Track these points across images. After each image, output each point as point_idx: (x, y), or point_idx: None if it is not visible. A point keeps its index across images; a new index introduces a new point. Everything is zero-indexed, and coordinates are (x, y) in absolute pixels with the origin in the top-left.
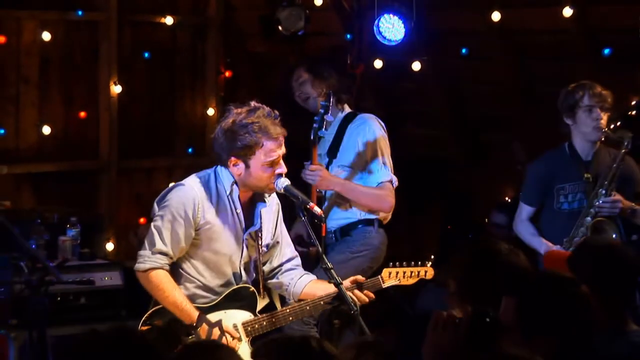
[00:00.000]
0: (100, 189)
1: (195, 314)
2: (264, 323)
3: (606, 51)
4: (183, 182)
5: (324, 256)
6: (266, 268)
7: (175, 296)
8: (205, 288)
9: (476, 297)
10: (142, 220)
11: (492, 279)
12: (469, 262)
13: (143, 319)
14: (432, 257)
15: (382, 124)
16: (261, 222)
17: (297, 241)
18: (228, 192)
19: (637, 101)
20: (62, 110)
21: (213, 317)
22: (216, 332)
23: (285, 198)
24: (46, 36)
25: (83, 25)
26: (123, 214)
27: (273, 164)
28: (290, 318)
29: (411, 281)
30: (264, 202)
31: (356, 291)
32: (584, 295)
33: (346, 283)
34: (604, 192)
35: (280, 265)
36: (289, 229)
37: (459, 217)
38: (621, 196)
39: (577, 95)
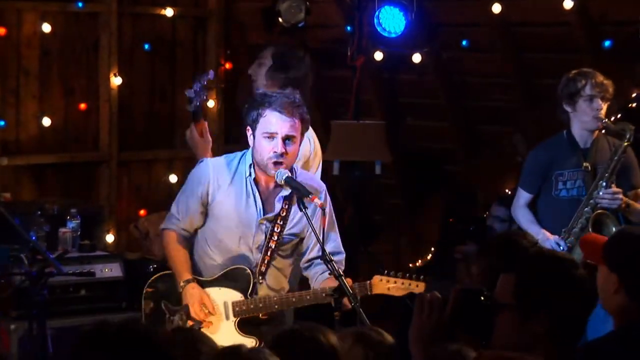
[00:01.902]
0: (101, 180)
1: (186, 276)
2: (252, 306)
3: (607, 43)
4: (205, 159)
5: (324, 248)
6: (303, 259)
7: (174, 257)
8: (212, 261)
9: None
10: (142, 212)
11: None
12: (489, 252)
13: (150, 280)
14: (433, 249)
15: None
16: (287, 210)
17: None
18: (247, 174)
19: (637, 94)
20: (62, 102)
21: (210, 291)
22: (193, 301)
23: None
24: (46, 28)
25: (83, 16)
26: (123, 205)
27: (270, 136)
28: (276, 307)
29: (400, 293)
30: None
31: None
32: (584, 277)
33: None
34: (604, 184)
35: (315, 258)
36: None
37: (459, 210)
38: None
39: (579, 84)
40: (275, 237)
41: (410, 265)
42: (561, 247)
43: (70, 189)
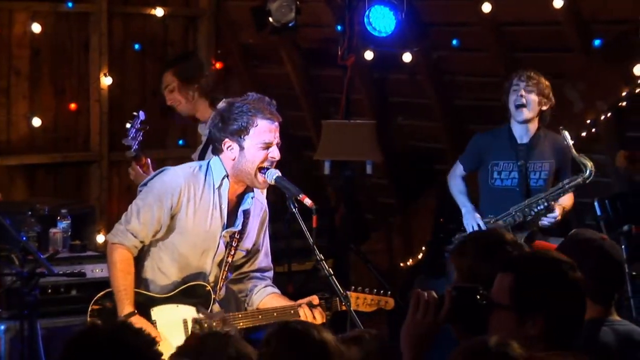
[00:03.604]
0: (91, 181)
1: (127, 309)
2: (214, 323)
3: (597, 42)
4: (171, 168)
5: (314, 247)
6: (236, 271)
7: (121, 281)
8: (167, 277)
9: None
10: None
11: (494, 268)
12: (474, 252)
13: (96, 297)
14: (424, 249)
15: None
16: (244, 226)
17: None
18: (217, 186)
19: (627, 92)
20: (53, 101)
21: (165, 309)
22: None
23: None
24: (37, 28)
25: (74, 16)
26: (114, 206)
27: (267, 146)
28: (241, 323)
29: (369, 309)
30: (249, 203)
31: (306, 308)
32: (580, 279)
33: (302, 301)
34: (545, 205)
35: (251, 272)
36: None
37: (450, 209)
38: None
39: (510, 78)
40: (232, 252)
41: (402, 264)
42: (478, 227)
43: (61, 189)
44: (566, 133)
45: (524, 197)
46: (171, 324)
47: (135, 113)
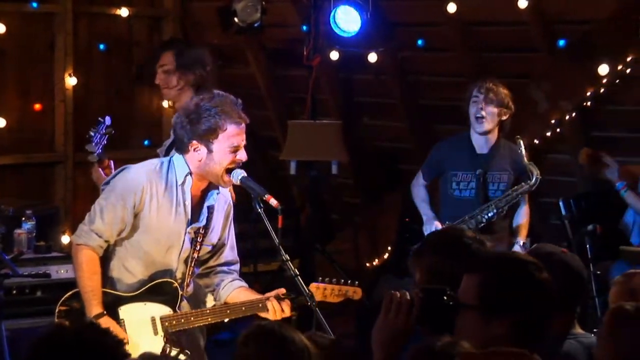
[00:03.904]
0: (56, 181)
1: (96, 310)
2: (182, 320)
3: (561, 42)
4: (132, 166)
5: (280, 248)
6: (203, 266)
7: (87, 282)
8: (133, 275)
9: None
10: None
11: (458, 267)
12: (435, 251)
13: (63, 298)
14: (390, 248)
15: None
16: (208, 221)
17: None
18: (180, 182)
19: (592, 92)
20: (17, 102)
21: (132, 307)
22: None
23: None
24: (1, 28)
25: (39, 17)
26: (79, 206)
27: (236, 150)
28: (209, 319)
29: (337, 300)
30: (213, 199)
31: (274, 301)
32: (547, 280)
33: (270, 294)
34: (494, 212)
35: (217, 266)
36: None
37: (416, 209)
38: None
39: (470, 89)
40: (198, 247)
41: (368, 264)
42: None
43: (26, 189)
44: (521, 142)
45: (481, 206)
46: (139, 323)
47: (100, 119)
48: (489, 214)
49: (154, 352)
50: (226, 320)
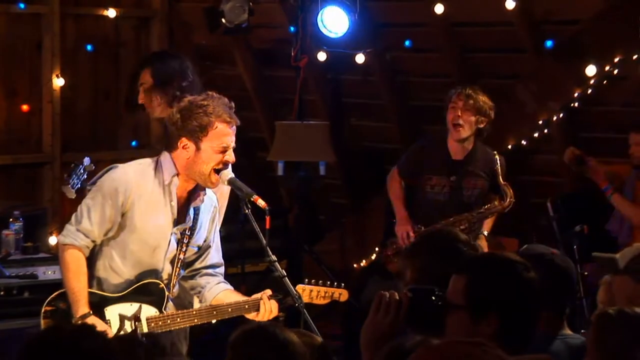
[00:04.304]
0: (44, 182)
1: (82, 310)
2: (168, 321)
3: (549, 43)
4: (119, 165)
5: (267, 248)
6: (188, 267)
7: (74, 282)
8: (119, 276)
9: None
10: None
11: (449, 267)
12: (426, 251)
13: (49, 299)
14: (377, 249)
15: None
16: (195, 222)
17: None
18: (167, 183)
19: (579, 93)
20: (4, 103)
21: (118, 308)
22: None
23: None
24: None
25: (26, 18)
26: (67, 207)
27: (224, 150)
28: (196, 320)
29: (323, 301)
30: (200, 201)
31: (265, 300)
32: (534, 280)
33: (256, 296)
34: (464, 227)
35: (203, 268)
36: None
37: None
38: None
39: (449, 94)
40: (184, 249)
41: (355, 265)
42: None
43: (14, 190)
44: (498, 159)
45: (454, 211)
46: (125, 324)
47: (76, 163)
48: (461, 227)
49: None
50: (213, 321)
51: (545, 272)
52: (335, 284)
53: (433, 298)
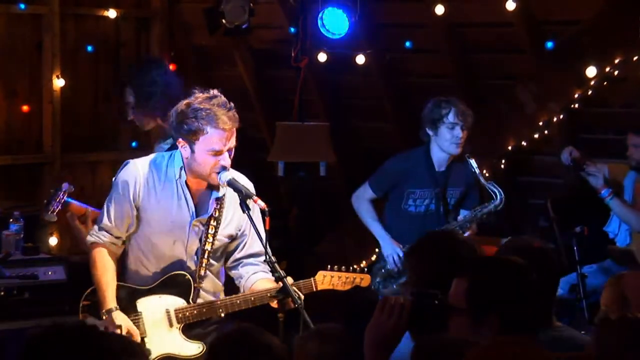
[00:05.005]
0: (44, 182)
1: (108, 305)
2: (195, 312)
3: (549, 44)
4: (132, 160)
5: (267, 249)
6: (230, 258)
7: (101, 277)
8: (147, 269)
9: (433, 287)
10: None
11: (449, 268)
12: (426, 252)
13: (85, 293)
14: (377, 250)
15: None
16: (219, 212)
17: None
18: (177, 177)
19: (579, 94)
20: (5, 103)
21: (148, 300)
22: (116, 328)
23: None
24: None
25: (26, 18)
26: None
27: (217, 154)
28: (220, 310)
29: (346, 287)
30: (218, 190)
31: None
32: (535, 282)
33: (269, 283)
34: (458, 229)
35: (243, 258)
36: None
37: None
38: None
39: (443, 111)
40: (211, 240)
41: (355, 266)
42: (398, 258)
43: (14, 191)
44: (472, 162)
45: (437, 222)
46: (156, 315)
47: (52, 190)
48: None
49: (171, 344)
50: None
51: (531, 264)
52: (358, 269)
53: (435, 301)
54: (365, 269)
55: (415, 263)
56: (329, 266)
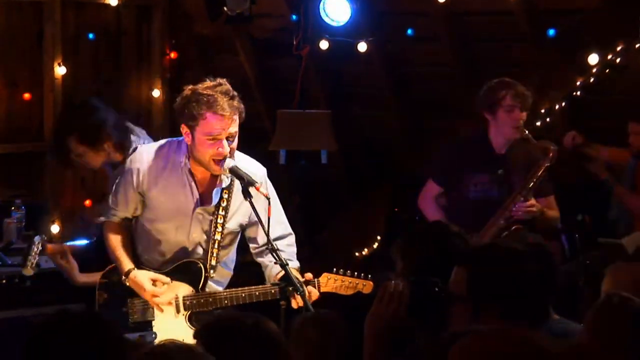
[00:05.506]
0: (45, 171)
1: (125, 267)
2: (202, 300)
3: (551, 32)
4: (139, 146)
5: (269, 237)
6: (253, 246)
7: (114, 246)
8: (159, 254)
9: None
10: (87, 202)
11: (439, 258)
12: (416, 242)
13: (103, 272)
14: (379, 238)
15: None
16: (227, 201)
17: None
18: (183, 164)
19: (581, 82)
20: (6, 92)
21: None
22: (140, 286)
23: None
24: None
25: (27, 6)
26: (68, 196)
27: (214, 140)
28: (226, 302)
29: (348, 292)
30: (226, 182)
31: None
32: (536, 271)
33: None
34: (522, 199)
35: (268, 243)
36: None
37: (405, 199)
38: (535, 201)
39: (500, 94)
40: (220, 229)
41: (357, 254)
42: None
43: (15, 179)
44: (526, 131)
45: (499, 207)
46: (166, 300)
47: (26, 245)
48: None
49: (176, 330)
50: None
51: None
52: (362, 274)
53: (435, 289)
54: (370, 276)
55: (406, 252)
56: (335, 269)
